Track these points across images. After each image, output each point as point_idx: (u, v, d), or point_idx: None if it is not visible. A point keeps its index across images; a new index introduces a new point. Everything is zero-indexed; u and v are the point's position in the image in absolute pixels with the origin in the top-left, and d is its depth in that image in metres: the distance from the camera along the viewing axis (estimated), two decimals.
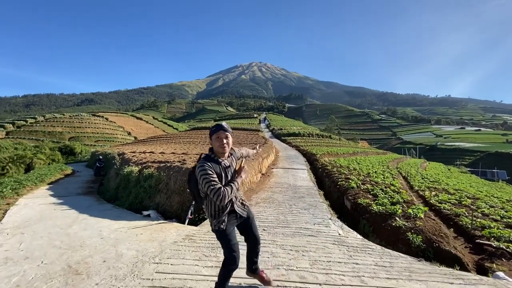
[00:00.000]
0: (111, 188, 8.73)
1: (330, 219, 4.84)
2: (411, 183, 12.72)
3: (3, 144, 37.09)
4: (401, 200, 6.04)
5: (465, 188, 13.21)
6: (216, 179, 1.98)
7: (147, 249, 3.30)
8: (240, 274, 2.47)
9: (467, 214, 5.89)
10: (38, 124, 53.59)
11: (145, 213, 5.41)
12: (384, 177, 10.35)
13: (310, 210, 5.40)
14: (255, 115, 76.56)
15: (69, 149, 36.37)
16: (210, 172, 1.96)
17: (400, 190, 7.52)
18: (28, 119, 55.69)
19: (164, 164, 7.22)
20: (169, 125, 77.07)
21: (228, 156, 2.19)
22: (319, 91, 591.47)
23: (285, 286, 2.48)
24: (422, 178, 14.95)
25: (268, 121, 61.83)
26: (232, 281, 2.36)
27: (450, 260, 3.69)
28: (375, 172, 11.98)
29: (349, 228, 4.44)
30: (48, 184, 10.13)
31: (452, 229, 5.57)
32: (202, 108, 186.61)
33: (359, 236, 4.09)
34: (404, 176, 15.77)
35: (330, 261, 3.06)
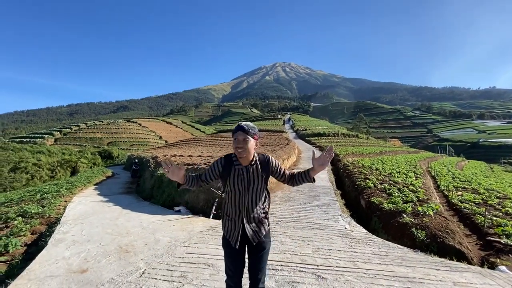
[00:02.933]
0: (147, 188, 9.82)
1: (340, 215, 5.24)
2: (439, 183, 12.38)
3: (52, 149, 41.61)
4: (415, 199, 6.21)
5: (502, 188, 12.49)
6: (207, 173, 1.87)
7: (178, 236, 4.03)
8: None
9: (485, 213, 5.90)
10: (81, 131, 59.01)
11: (176, 208, 6.23)
12: (406, 177, 10.29)
13: (322, 207, 5.82)
14: (279, 116, 76.82)
15: (108, 153, 39.75)
16: (211, 167, 1.87)
17: (418, 189, 7.58)
18: (72, 126, 61.57)
19: (192, 166, 8.05)
20: (196, 128, 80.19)
21: (253, 163, 1.83)
22: (346, 89, 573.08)
23: (288, 266, 3.02)
24: (453, 178, 14.35)
25: (292, 121, 61.80)
26: None
27: (454, 255, 3.93)
28: (398, 172, 11.86)
29: (356, 223, 4.82)
30: (94, 185, 11.58)
31: (467, 227, 5.66)
32: (228, 111, 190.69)
33: (364, 230, 4.47)
34: (433, 176, 15.24)
35: (331, 249, 3.53)
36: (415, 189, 7.59)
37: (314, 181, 1.92)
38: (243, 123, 1.81)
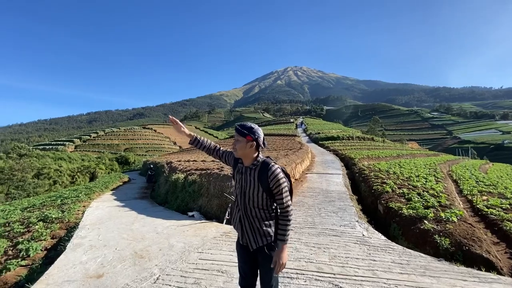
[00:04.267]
0: (161, 193, 9.96)
1: (357, 221, 5.07)
2: (461, 187, 11.80)
3: (72, 156, 43.35)
4: (436, 204, 5.92)
5: None
6: (226, 153, 1.96)
7: (192, 242, 4.01)
8: None
9: None
10: (99, 138, 61.19)
11: (190, 214, 6.25)
12: (426, 181, 9.87)
13: (338, 213, 5.66)
14: (291, 120, 76.41)
15: (125, 159, 40.89)
16: (231, 153, 1.94)
17: (440, 194, 7.23)
18: (91, 133, 63.97)
19: (205, 171, 8.10)
20: (209, 133, 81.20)
21: (254, 166, 1.73)
22: (359, 91, 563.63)
23: (303, 274, 2.92)
24: (476, 181, 13.63)
25: (305, 125, 61.28)
26: None
27: (482, 264, 3.69)
28: (417, 175, 11.40)
29: (374, 230, 4.64)
30: (111, 190, 11.88)
31: (495, 234, 5.32)
32: (240, 116, 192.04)
33: (383, 237, 4.29)
34: (455, 180, 14.56)
35: (348, 257, 3.39)
36: (436, 194, 7.25)
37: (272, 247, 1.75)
38: (242, 123, 1.78)
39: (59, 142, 57.65)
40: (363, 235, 4.32)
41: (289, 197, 1.72)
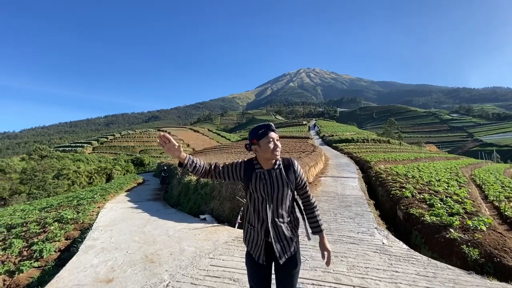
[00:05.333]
0: (174, 195, 9.98)
1: (375, 228, 4.80)
2: (486, 192, 11.14)
3: (90, 158, 44.78)
4: (461, 211, 5.53)
5: None
6: (226, 170, 1.65)
7: (203, 247, 3.90)
8: None
9: None
10: (116, 140, 62.95)
11: (202, 217, 6.17)
12: (448, 186, 9.34)
13: (355, 219, 5.40)
14: (304, 122, 75.71)
15: (140, 161, 41.78)
16: (232, 166, 1.67)
17: (465, 200, 6.79)
18: (108, 136, 65.94)
19: None
20: (222, 136, 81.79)
21: (277, 167, 1.64)
22: (374, 93, 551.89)
23: (320, 286, 2.74)
24: (502, 187, 12.83)
25: (318, 127, 60.48)
26: None
27: None
28: (438, 180, 10.83)
29: (394, 238, 4.36)
30: (126, 191, 12.05)
31: None
32: (252, 118, 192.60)
33: (404, 246, 4.01)
34: (479, 185, 13.80)
35: (368, 267, 3.17)
36: (460, 200, 6.81)
37: (309, 238, 1.76)
38: (267, 123, 1.65)
39: (78, 144, 59.82)
40: (383, 243, 4.06)
41: None
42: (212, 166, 1.66)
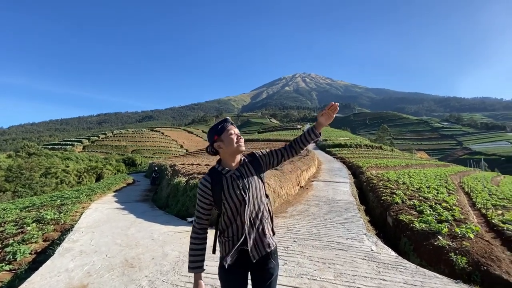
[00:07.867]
0: (163, 196, 9.77)
1: (365, 234, 4.73)
2: (474, 200, 11.27)
3: (80, 156, 43.89)
4: (450, 218, 5.52)
5: None
6: (202, 210, 1.53)
7: (187, 251, 3.76)
8: None
9: None
10: (107, 139, 61.93)
11: (189, 219, 6.00)
12: (438, 193, 9.40)
13: (345, 224, 5.33)
14: (298, 126, 76.03)
15: (131, 161, 41.11)
16: (200, 197, 1.53)
17: (453, 207, 6.81)
18: (100, 134, 64.86)
19: None
20: None
21: (242, 163, 1.59)
22: (368, 99, 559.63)
23: None
24: (490, 194, 13.03)
25: None
26: None
27: (501, 286, 3.33)
28: (428, 186, 10.91)
29: (383, 245, 4.30)
30: (114, 191, 11.76)
31: None
32: (247, 121, 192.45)
33: (393, 253, 3.95)
34: (467, 192, 13.98)
35: (355, 275, 3.08)
36: (449, 207, 6.83)
37: (320, 135, 1.63)
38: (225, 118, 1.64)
39: (68, 142, 58.57)
40: (372, 250, 3.99)
41: None
42: (204, 230, 1.57)
